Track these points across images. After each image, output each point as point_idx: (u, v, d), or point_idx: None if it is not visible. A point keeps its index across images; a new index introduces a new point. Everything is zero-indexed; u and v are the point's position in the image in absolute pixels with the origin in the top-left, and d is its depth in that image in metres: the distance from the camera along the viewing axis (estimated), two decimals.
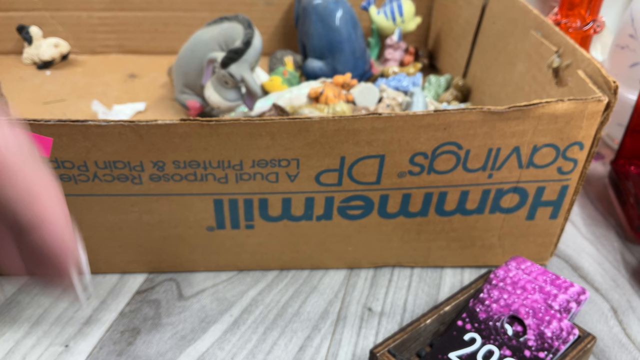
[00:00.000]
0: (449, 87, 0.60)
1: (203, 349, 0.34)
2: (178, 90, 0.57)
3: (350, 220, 0.37)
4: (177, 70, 0.56)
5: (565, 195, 0.37)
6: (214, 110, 0.56)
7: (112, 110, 0.58)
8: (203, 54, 0.53)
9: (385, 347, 0.30)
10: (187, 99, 0.56)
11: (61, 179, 0.33)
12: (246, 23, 0.52)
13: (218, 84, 0.52)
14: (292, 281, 0.40)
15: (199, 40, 0.54)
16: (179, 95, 0.57)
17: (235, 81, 0.51)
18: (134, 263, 0.39)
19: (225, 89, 0.52)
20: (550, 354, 0.29)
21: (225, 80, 0.51)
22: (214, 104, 0.52)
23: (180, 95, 0.57)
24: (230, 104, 0.52)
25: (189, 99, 0.56)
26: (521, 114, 0.32)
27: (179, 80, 0.56)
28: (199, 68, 0.54)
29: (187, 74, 0.55)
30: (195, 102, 0.56)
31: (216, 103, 0.52)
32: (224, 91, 0.52)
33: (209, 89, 0.52)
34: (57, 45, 0.70)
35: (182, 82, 0.56)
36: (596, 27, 0.51)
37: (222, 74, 0.51)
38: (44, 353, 0.34)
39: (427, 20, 0.74)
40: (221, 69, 0.51)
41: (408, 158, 0.34)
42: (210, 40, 0.53)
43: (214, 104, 0.52)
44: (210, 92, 0.52)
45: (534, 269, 0.34)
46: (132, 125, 0.31)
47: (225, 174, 0.34)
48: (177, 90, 0.57)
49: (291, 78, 0.61)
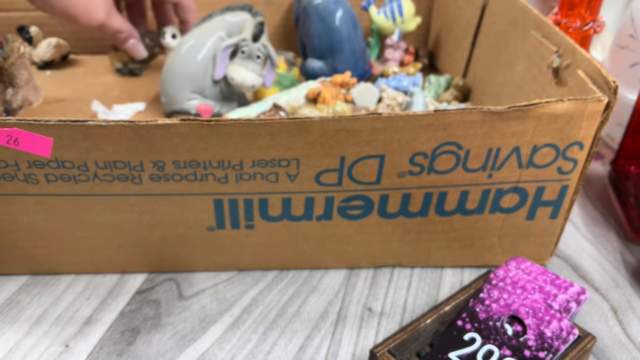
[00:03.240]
0: (449, 87, 0.60)
1: (203, 349, 0.34)
2: (182, 100, 0.55)
3: (350, 220, 0.37)
4: (178, 81, 0.54)
5: (565, 195, 0.37)
6: (223, 108, 0.56)
7: (112, 110, 0.58)
8: (208, 52, 0.53)
9: (385, 347, 0.30)
10: (195, 104, 0.55)
11: (61, 179, 0.33)
12: (240, 6, 0.55)
13: (249, 62, 0.52)
14: (292, 281, 0.40)
15: (199, 42, 0.53)
16: (184, 104, 0.55)
17: (266, 52, 0.53)
18: (134, 263, 0.39)
19: (256, 64, 0.53)
20: (550, 354, 0.29)
21: (258, 54, 0.53)
22: (249, 83, 0.53)
23: (186, 103, 0.55)
24: (262, 80, 0.54)
25: (198, 104, 0.55)
26: (521, 114, 0.32)
27: (184, 89, 0.54)
28: (206, 67, 0.53)
29: (194, 78, 0.54)
30: (207, 105, 0.55)
31: (251, 81, 0.53)
32: (257, 67, 0.53)
33: (239, 72, 0.52)
34: (57, 45, 0.70)
35: (189, 89, 0.54)
36: (596, 27, 0.51)
37: (255, 48, 0.52)
38: (44, 353, 0.34)
39: (427, 20, 0.75)
40: (253, 43, 0.53)
41: (408, 158, 0.34)
42: (215, 38, 0.53)
43: (248, 82, 0.53)
44: (242, 74, 0.52)
45: (534, 269, 0.34)
46: (132, 125, 0.31)
47: (225, 174, 0.34)
48: (178, 101, 0.55)
49: (281, 80, 0.61)
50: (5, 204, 0.35)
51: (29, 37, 0.68)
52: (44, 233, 0.37)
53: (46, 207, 0.35)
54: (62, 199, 0.35)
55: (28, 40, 0.68)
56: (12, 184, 0.34)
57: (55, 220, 0.36)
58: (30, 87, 0.59)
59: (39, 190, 0.34)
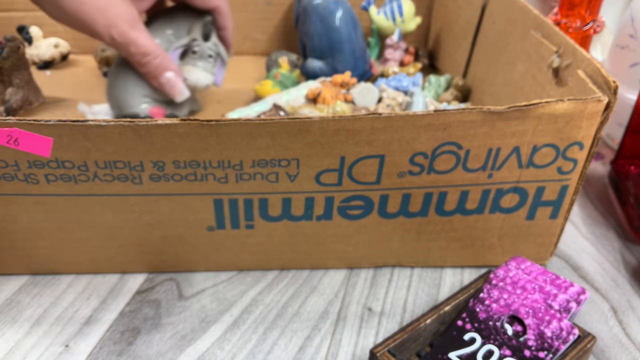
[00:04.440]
0: (449, 87, 0.60)
1: (203, 349, 0.34)
2: (133, 105, 0.53)
3: (350, 220, 0.37)
4: (127, 85, 0.52)
5: (565, 195, 0.37)
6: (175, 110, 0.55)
7: (92, 110, 0.57)
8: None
9: (385, 347, 0.30)
10: (147, 108, 0.53)
11: (61, 179, 0.33)
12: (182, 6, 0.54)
13: (201, 61, 0.52)
14: (292, 281, 0.40)
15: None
16: (135, 109, 0.53)
17: (217, 51, 0.53)
18: (134, 263, 0.39)
19: (208, 63, 0.52)
20: (550, 354, 0.29)
21: (209, 53, 0.52)
22: (203, 82, 0.52)
23: (137, 107, 0.53)
24: (214, 78, 0.53)
25: (149, 108, 0.53)
26: (521, 114, 0.32)
27: (134, 93, 0.52)
28: None
29: (144, 82, 0.51)
30: (158, 108, 0.53)
31: (205, 81, 0.52)
32: (209, 66, 0.52)
33: (192, 72, 0.52)
34: (57, 45, 0.70)
35: (140, 93, 0.52)
36: (596, 27, 0.51)
37: (207, 47, 0.52)
38: (44, 353, 0.34)
39: (427, 20, 0.75)
40: (204, 42, 0.52)
41: (408, 158, 0.34)
42: (162, 39, 0.52)
43: (202, 82, 0.52)
44: (195, 75, 0.52)
45: (534, 269, 0.34)
46: (132, 125, 0.31)
47: (225, 174, 0.34)
48: (128, 106, 0.53)
49: (284, 80, 0.61)
50: (5, 204, 0.35)
51: (29, 37, 0.68)
52: (44, 233, 0.37)
53: (46, 207, 0.35)
54: (62, 199, 0.35)
55: (28, 40, 0.68)
56: (12, 184, 0.34)
57: (55, 220, 0.36)
58: (30, 87, 0.59)
59: (39, 190, 0.34)
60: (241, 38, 0.76)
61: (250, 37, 0.76)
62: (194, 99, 0.58)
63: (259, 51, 0.77)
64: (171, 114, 0.54)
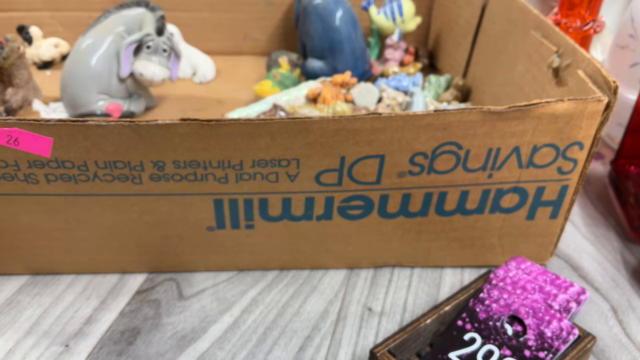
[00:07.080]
0: (449, 87, 0.60)
1: (203, 349, 0.34)
2: (89, 102, 0.53)
3: (350, 220, 0.37)
4: (81, 83, 0.52)
5: (565, 195, 0.37)
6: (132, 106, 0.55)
7: (49, 107, 0.57)
8: (109, 50, 0.52)
9: (385, 347, 0.30)
10: (104, 105, 0.53)
11: (61, 179, 0.33)
12: (136, 2, 0.54)
13: (155, 56, 0.52)
14: (292, 281, 0.40)
15: (97, 41, 0.52)
16: (91, 106, 0.53)
17: (171, 45, 0.53)
18: (134, 263, 0.39)
19: (163, 57, 0.52)
20: (550, 354, 0.29)
21: (164, 47, 0.52)
22: (159, 77, 0.52)
23: (94, 105, 0.53)
24: (169, 73, 0.54)
25: (106, 105, 0.53)
26: (521, 114, 0.32)
27: (89, 90, 0.52)
28: (110, 66, 0.52)
29: (99, 78, 0.52)
30: (115, 105, 0.53)
31: (161, 75, 0.53)
32: (164, 60, 0.53)
33: (147, 67, 0.52)
34: (57, 45, 0.70)
35: (96, 90, 0.52)
36: (596, 27, 0.51)
37: (161, 41, 0.52)
38: (44, 353, 0.34)
39: (427, 20, 0.75)
40: (158, 37, 0.52)
41: (408, 158, 0.34)
42: (114, 35, 0.52)
43: (158, 76, 0.52)
44: (151, 69, 0.52)
45: (534, 269, 0.34)
46: (132, 125, 0.31)
47: (225, 174, 0.34)
48: (84, 104, 0.53)
49: (283, 80, 0.61)
50: (5, 203, 0.35)
51: (29, 37, 0.68)
52: (44, 233, 0.37)
53: (46, 207, 0.35)
54: (62, 199, 0.35)
55: (28, 40, 0.68)
56: (12, 184, 0.34)
57: (55, 220, 0.36)
58: (30, 87, 0.59)
59: (39, 190, 0.34)
60: (241, 38, 0.76)
61: (250, 37, 0.76)
62: (151, 95, 0.58)
63: (259, 51, 0.77)
64: (127, 110, 0.54)
